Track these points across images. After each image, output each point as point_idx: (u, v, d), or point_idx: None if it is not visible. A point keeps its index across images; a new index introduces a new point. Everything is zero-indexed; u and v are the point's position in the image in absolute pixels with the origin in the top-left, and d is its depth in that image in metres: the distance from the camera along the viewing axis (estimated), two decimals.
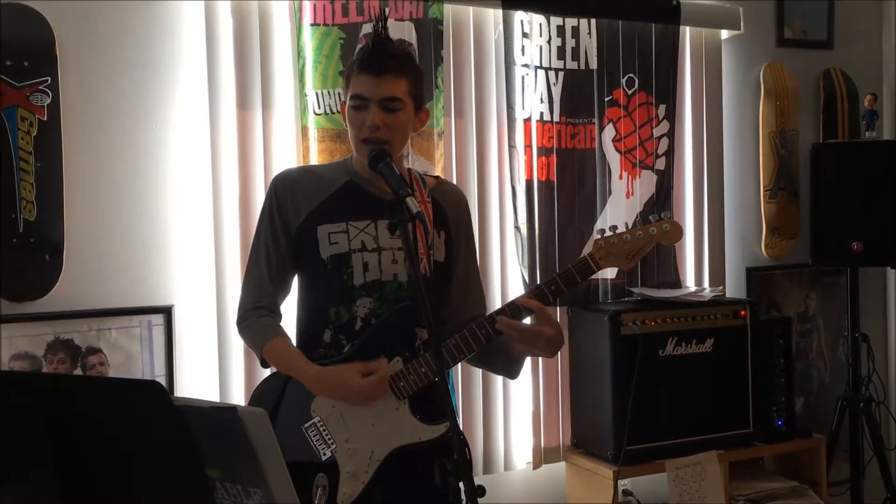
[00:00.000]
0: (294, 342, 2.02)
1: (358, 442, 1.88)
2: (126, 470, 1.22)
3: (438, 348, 1.60)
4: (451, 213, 2.05)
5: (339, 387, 1.87)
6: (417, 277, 1.61)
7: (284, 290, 2.06)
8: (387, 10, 2.77)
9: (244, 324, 2.01)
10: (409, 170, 2.06)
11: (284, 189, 1.99)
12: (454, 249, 2.05)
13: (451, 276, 2.05)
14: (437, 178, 2.16)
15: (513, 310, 1.90)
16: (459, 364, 2.88)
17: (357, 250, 1.93)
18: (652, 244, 1.96)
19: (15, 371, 2.30)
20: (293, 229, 1.98)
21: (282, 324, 2.03)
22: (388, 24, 1.95)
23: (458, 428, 1.57)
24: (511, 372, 2.03)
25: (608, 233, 1.95)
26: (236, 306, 2.53)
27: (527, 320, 1.93)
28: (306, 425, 1.90)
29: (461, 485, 1.55)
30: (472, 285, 2.10)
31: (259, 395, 1.99)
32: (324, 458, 1.88)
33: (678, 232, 1.98)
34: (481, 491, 1.53)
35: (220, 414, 1.13)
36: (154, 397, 1.13)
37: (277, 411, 1.91)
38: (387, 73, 1.86)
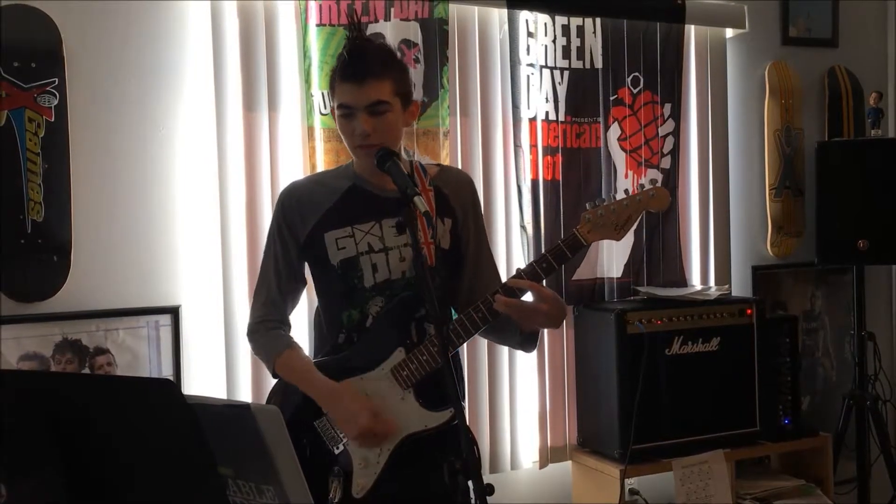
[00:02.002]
0: (309, 347, 2.04)
1: None
2: (138, 468, 1.22)
3: (442, 337, 1.61)
4: (454, 197, 2.05)
5: (346, 414, 1.88)
6: (426, 274, 1.62)
7: (293, 302, 2.09)
8: (391, 10, 2.78)
9: (255, 336, 2.03)
10: (411, 161, 2.07)
11: (291, 202, 2.01)
12: (464, 233, 2.05)
13: (463, 259, 2.05)
14: (440, 165, 2.16)
15: (506, 291, 1.90)
16: (465, 364, 2.92)
17: (365, 253, 1.95)
18: (640, 212, 1.96)
19: (24, 370, 2.31)
20: (302, 240, 2.00)
21: (291, 333, 2.06)
22: (394, 23, 1.95)
23: (467, 425, 1.58)
24: (526, 346, 2.04)
25: (596, 204, 1.95)
26: (244, 306, 2.57)
27: (528, 297, 1.92)
28: (318, 420, 1.93)
29: (470, 483, 1.55)
30: (484, 263, 2.09)
31: (284, 390, 2.00)
32: (337, 451, 1.90)
33: (664, 197, 1.97)
34: (490, 489, 1.53)
35: (233, 411, 1.13)
36: (166, 395, 1.13)
37: (298, 407, 1.93)
38: (369, 78, 1.86)
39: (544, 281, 1.94)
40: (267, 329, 2.01)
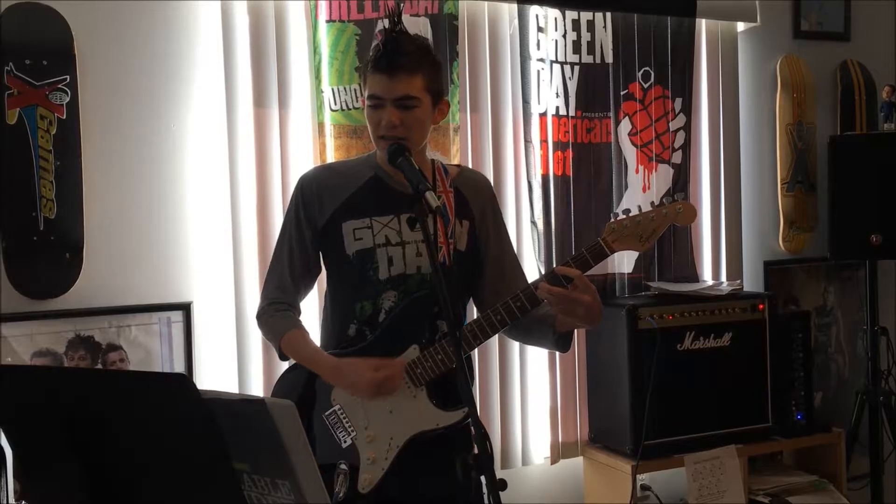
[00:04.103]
0: (318, 339, 2.04)
1: (377, 429, 1.90)
2: (152, 463, 1.22)
3: (455, 335, 1.60)
4: (473, 200, 2.05)
5: (352, 379, 1.89)
6: (437, 270, 1.61)
7: (306, 289, 2.09)
8: (402, 5, 2.77)
9: (263, 318, 2.04)
10: (433, 161, 2.06)
11: (311, 188, 2.01)
12: (482, 235, 2.05)
13: (484, 261, 2.05)
14: (460, 166, 2.16)
15: (550, 279, 1.89)
16: (476, 360, 2.91)
17: (382, 245, 1.94)
18: (665, 225, 1.94)
19: (39, 366, 2.32)
20: (320, 227, 1.99)
21: (301, 319, 2.05)
22: (404, 19, 1.94)
23: (479, 421, 1.57)
24: (560, 346, 2.01)
25: (621, 216, 1.94)
26: (255, 302, 2.56)
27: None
28: (327, 413, 1.93)
29: (482, 479, 1.54)
30: (508, 264, 2.08)
31: (283, 385, 2.00)
32: (344, 445, 1.90)
33: (691, 213, 1.97)
34: (503, 485, 1.52)
35: (248, 406, 1.13)
36: (181, 390, 1.13)
37: (300, 400, 1.92)
38: (400, 72, 1.85)
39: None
40: (276, 310, 2.01)
